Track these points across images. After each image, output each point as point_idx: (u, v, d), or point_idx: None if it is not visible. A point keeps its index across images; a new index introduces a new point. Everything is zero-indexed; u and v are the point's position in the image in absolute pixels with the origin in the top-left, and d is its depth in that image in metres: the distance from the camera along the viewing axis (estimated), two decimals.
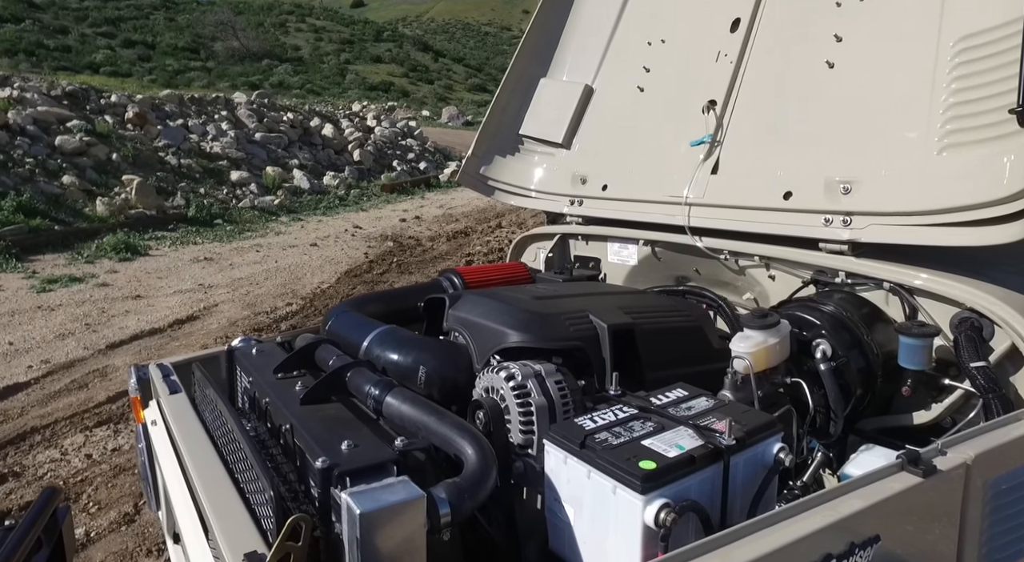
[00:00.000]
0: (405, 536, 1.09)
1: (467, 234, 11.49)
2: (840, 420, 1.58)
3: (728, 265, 2.16)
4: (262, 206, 12.76)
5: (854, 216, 1.78)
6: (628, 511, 1.13)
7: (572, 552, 1.28)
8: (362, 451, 1.20)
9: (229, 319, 6.74)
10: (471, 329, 1.74)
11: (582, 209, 2.67)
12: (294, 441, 1.34)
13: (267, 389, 1.54)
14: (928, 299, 1.68)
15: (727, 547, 1.05)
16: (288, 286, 8.01)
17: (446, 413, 1.34)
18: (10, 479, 3.86)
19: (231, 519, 1.16)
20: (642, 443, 1.23)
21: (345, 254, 9.74)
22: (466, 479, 1.20)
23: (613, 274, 2.61)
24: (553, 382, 1.53)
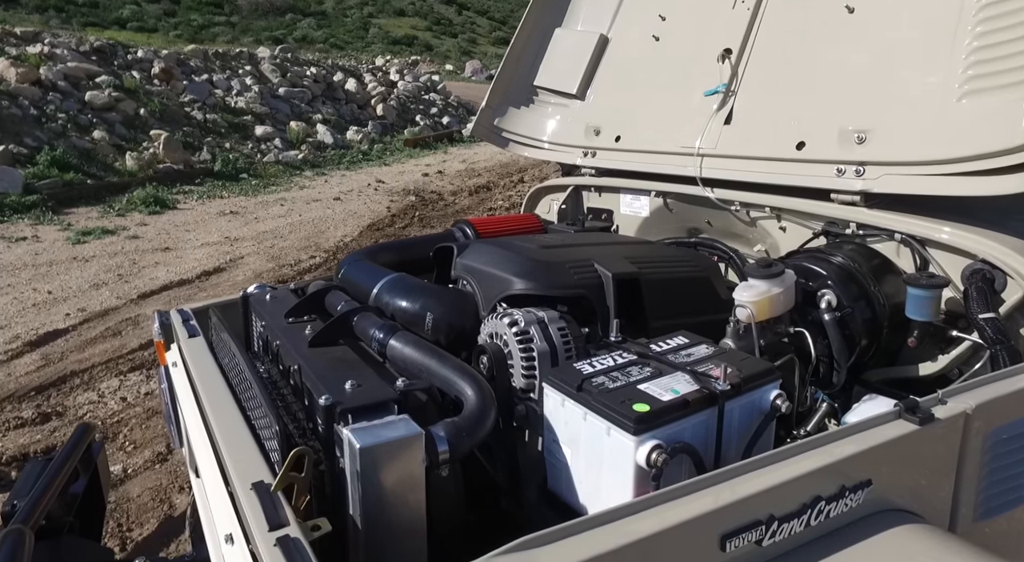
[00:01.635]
0: (404, 471, 1.14)
1: (489, 189, 11.46)
2: (843, 370, 1.58)
3: (739, 216, 2.14)
4: (286, 161, 12.82)
5: (867, 166, 1.74)
6: (621, 452, 1.16)
7: (569, 491, 1.32)
8: (364, 390, 1.24)
9: (254, 271, 6.87)
10: (477, 277, 1.76)
11: (595, 160, 2.64)
12: (302, 381, 1.39)
13: (278, 333, 1.59)
14: (941, 250, 1.65)
15: (717, 486, 1.08)
16: (312, 239, 8.12)
17: (447, 356, 1.37)
18: (53, 418, 4.07)
19: (241, 452, 1.21)
20: (638, 387, 1.25)
21: (368, 208, 9.80)
22: (464, 418, 1.23)
23: (625, 226, 2.60)
24: (556, 329, 1.55)
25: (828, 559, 1.11)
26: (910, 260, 1.70)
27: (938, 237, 1.62)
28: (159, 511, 3.37)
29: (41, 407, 4.16)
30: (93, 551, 2.06)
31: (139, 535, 3.20)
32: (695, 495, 1.05)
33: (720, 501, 1.04)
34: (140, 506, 3.39)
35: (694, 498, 1.05)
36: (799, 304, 1.62)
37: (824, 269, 1.63)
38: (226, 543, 1.10)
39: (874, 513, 1.21)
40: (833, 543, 1.14)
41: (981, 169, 1.51)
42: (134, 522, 3.28)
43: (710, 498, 1.05)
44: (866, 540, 1.16)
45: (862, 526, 1.19)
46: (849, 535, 1.16)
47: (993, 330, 1.47)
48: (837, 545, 1.14)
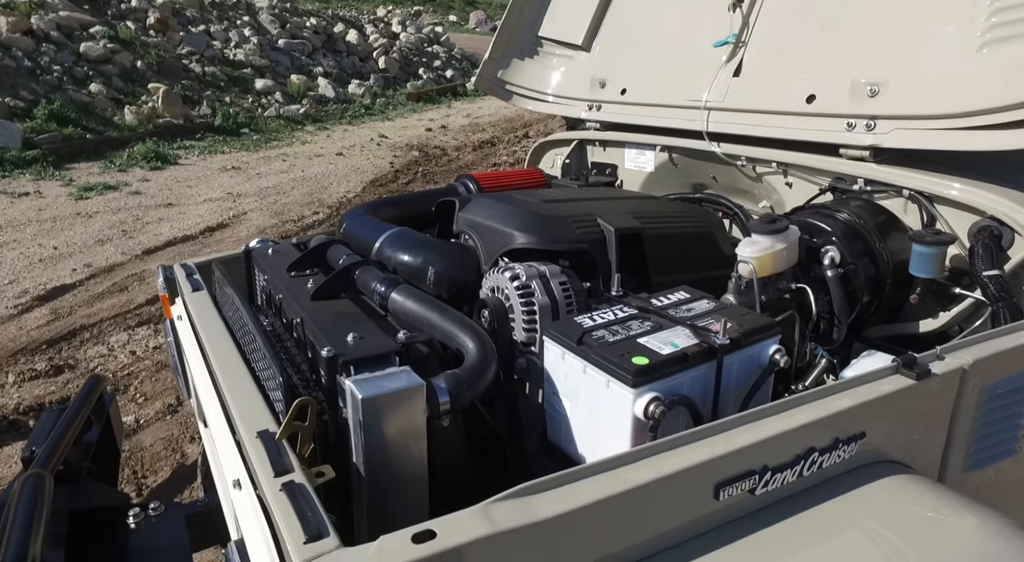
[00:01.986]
0: (405, 421, 1.16)
1: (493, 144, 11.32)
2: (843, 327, 1.58)
3: (745, 172, 2.12)
4: (287, 115, 12.65)
5: (878, 120, 1.71)
6: (619, 404, 1.18)
7: (568, 442, 1.35)
8: (366, 342, 1.26)
9: (258, 227, 6.87)
10: (479, 231, 1.76)
11: (600, 114, 2.60)
12: (304, 334, 1.40)
13: (281, 286, 1.60)
14: (949, 207, 1.64)
15: (713, 437, 1.09)
16: (314, 195, 8.08)
17: (449, 309, 1.38)
18: (66, 370, 4.14)
19: (246, 403, 1.24)
20: (638, 341, 1.26)
21: (371, 163, 9.72)
22: (465, 370, 1.25)
23: (630, 181, 2.58)
24: (557, 283, 1.55)
25: (817, 508, 1.14)
26: (917, 216, 1.68)
27: (947, 193, 1.59)
28: (172, 460, 3.46)
29: (53, 360, 4.22)
30: (110, 494, 2.13)
31: (154, 482, 3.29)
32: (691, 446, 1.07)
33: (715, 452, 1.06)
34: (153, 455, 3.47)
35: (689, 448, 1.06)
36: (802, 260, 1.61)
37: (829, 225, 1.62)
38: (234, 488, 1.13)
39: (865, 464, 1.23)
40: (824, 492, 1.17)
41: (999, 123, 1.47)
42: (148, 470, 3.38)
43: (706, 449, 1.06)
44: (856, 490, 1.18)
45: (853, 476, 1.21)
46: (840, 485, 1.19)
47: (996, 287, 1.47)
48: (827, 494, 1.17)
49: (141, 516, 1.94)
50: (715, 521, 1.08)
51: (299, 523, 0.88)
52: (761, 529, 1.08)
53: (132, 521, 1.93)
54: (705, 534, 1.07)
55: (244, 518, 1.05)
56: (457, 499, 1.28)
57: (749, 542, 1.06)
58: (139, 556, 1.88)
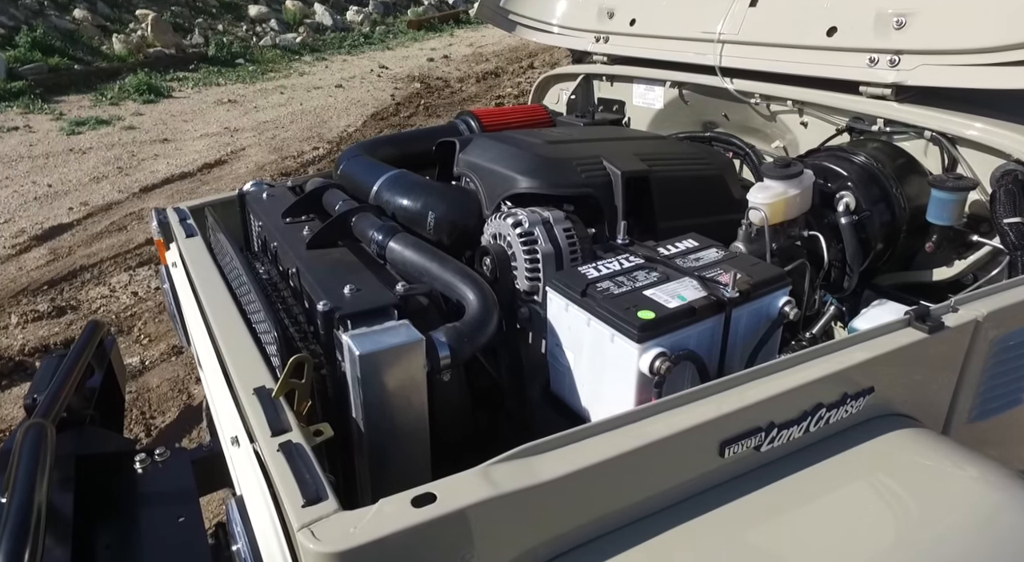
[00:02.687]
0: (405, 377, 1.13)
1: (497, 75, 10.97)
2: (855, 275, 1.54)
3: (759, 110, 2.02)
4: (284, 44, 12.22)
5: (903, 55, 1.60)
6: (624, 359, 1.15)
7: (571, 394, 1.33)
8: (364, 295, 1.22)
9: (257, 163, 6.74)
10: (480, 174, 1.69)
11: (607, 46, 2.46)
12: (300, 284, 1.36)
13: (275, 233, 1.55)
14: (971, 149, 1.56)
15: (719, 395, 1.07)
16: (314, 129, 7.89)
17: (449, 259, 1.33)
18: (68, 311, 4.15)
19: (242, 357, 1.21)
20: (644, 293, 1.22)
21: (371, 96, 9.45)
22: (466, 323, 1.22)
23: (638, 118, 2.47)
24: (561, 229, 1.50)
25: (821, 463, 1.12)
26: (937, 159, 1.60)
27: (971, 135, 1.51)
28: (179, 401, 3.51)
29: (55, 301, 4.22)
30: (115, 440, 2.15)
31: (162, 422, 3.34)
32: (696, 403, 1.05)
33: (722, 409, 1.04)
34: (160, 396, 3.52)
35: (695, 406, 1.04)
36: (816, 206, 1.55)
37: (845, 169, 1.55)
38: (232, 445, 1.12)
39: (871, 418, 1.22)
40: (829, 447, 1.15)
41: None
42: (156, 411, 3.43)
43: (712, 406, 1.04)
44: (861, 444, 1.17)
45: (859, 431, 1.19)
46: (845, 439, 1.17)
47: (1016, 235, 1.41)
48: (833, 449, 1.15)
49: (148, 461, 1.96)
50: (719, 478, 1.07)
51: (297, 486, 0.87)
52: (765, 486, 1.07)
53: (139, 466, 1.96)
54: (708, 491, 1.06)
55: (243, 476, 1.04)
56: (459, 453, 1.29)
57: (752, 499, 1.05)
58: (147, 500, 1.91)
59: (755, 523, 1.04)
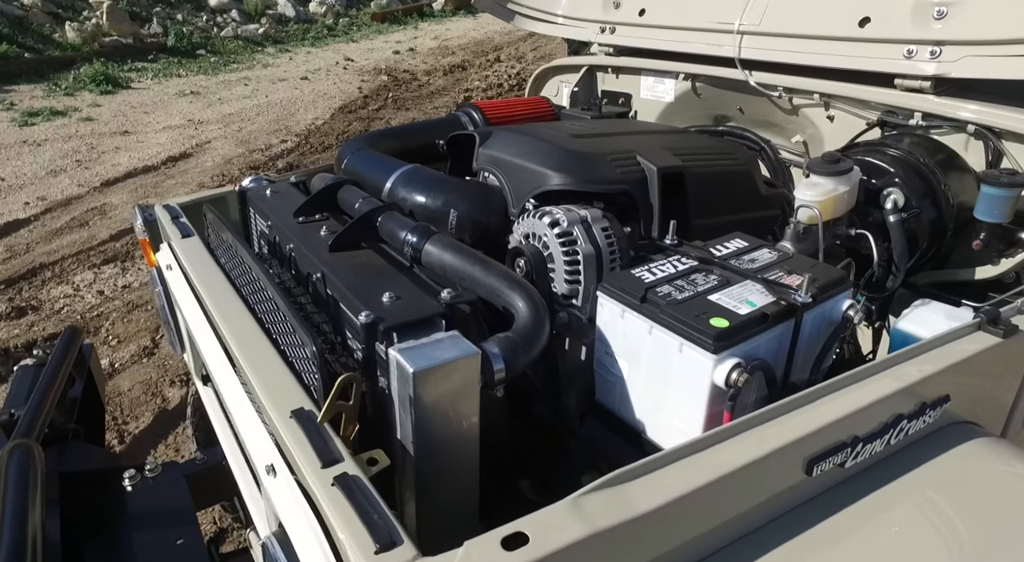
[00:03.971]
0: (459, 394, 1.03)
1: (464, 68, 10.81)
2: (901, 275, 1.48)
3: (779, 104, 1.95)
4: (246, 35, 11.83)
5: (945, 46, 1.55)
6: (696, 370, 1.07)
7: (623, 406, 1.24)
8: (407, 304, 1.10)
9: (223, 157, 6.48)
10: (506, 169, 1.58)
11: (614, 37, 2.38)
12: (326, 291, 1.24)
13: (290, 235, 1.42)
14: (1015, 144, 1.52)
15: (803, 409, 0.99)
16: (281, 122, 7.64)
17: (493, 263, 1.23)
18: (29, 312, 3.89)
19: (271, 374, 1.08)
20: (708, 298, 1.14)
21: (338, 88, 9.20)
22: (519, 334, 1.11)
23: (645, 111, 2.39)
24: (599, 229, 1.41)
25: (905, 477, 1.06)
26: (979, 154, 1.56)
27: (1019, 128, 1.47)
28: (152, 405, 3.31)
29: (14, 301, 3.95)
30: (100, 455, 1.98)
31: (136, 429, 3.14)
32: (782, 419, 0.97)
33: (809, 425, 0.96)
34: (132, 400, 3.31)
35: (781, 423, 0.96)
36: (860, 203, 1.49)
37: (891, 165, 1.49)
38: (267, 474, 0.99)
39: (944, 427, 1.16)
40: (908, 460, 1.09)
41: None
42: (129, 416, 3.22)
43: (798, 422, 0.96)
44: (940, 455, 1.11)
45: (934, 441, 1.14)
46: (923, 451, 1.11)
47: None
48: (912, 462, 1.09)
49: (138, 478, 1.81)
50: (805, 497, 0.99)
51: (365, 528, 0.76)
52: (852, 503, 1.00)
53: (128, 483, 1.80)
54: (795, 510, 0.98)
55: (285, 510, 0.92)
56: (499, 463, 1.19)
57: (843, 518, 0.98)
58: (139, 520, 1.76)
59: (850, 543, 0.97)
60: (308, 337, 1.02)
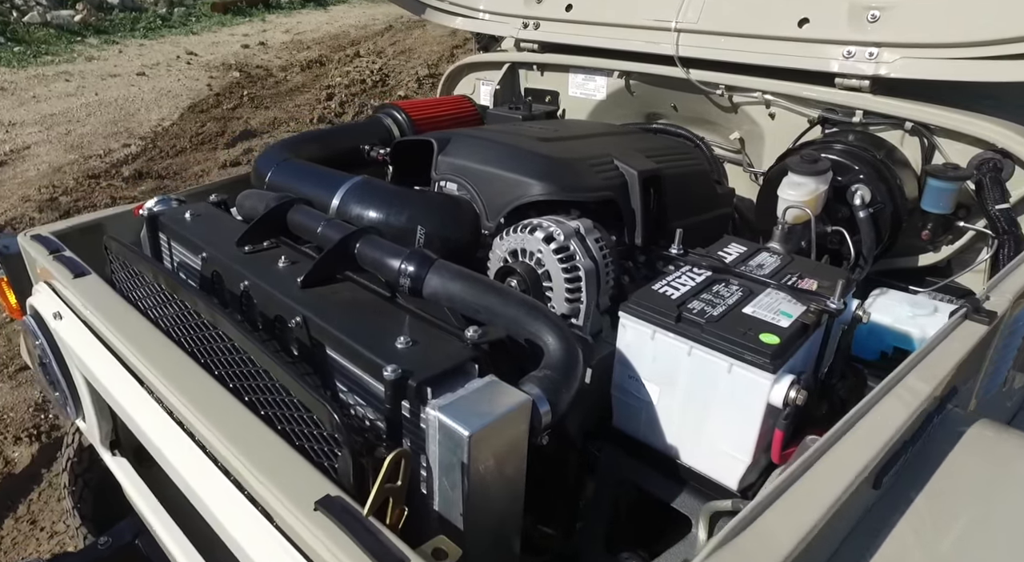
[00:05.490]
0: (511, 449, 0.89)
1: (322, 64, 10.25)
2: (868, 267, 1.53)
3: (718, 101, 1.97)
4: (58, 23, 10.35)
5: (881, 48, 1.62)
6: (749, 391, 1.00)
7: (652, 432, 1.15)
8: (428, 350, 0.94)
9: (51, 164, 5.62)
10: (476, 179, 1.43)
11: (537, 33, 2.28)
12: (310, 338, 1.03)
13: (240, 269, 1.17)
14: (944, 139, 1.62)
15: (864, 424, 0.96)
16: (120, 124, 6.77)
17: (509, 290, 1.08)
18: None
19: (262, 450, 0.87)
20: (743, 312, 1.08)
21: (184, 86, 8.32)
22: (555, 369, 0.98)
23: (573, 110, 2.32)
24: (593, 241, 1.31)
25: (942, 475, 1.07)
26: (913, 150, 1.65)
27: (954, 125, 1.57)
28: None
29: None
30: None
31: None
32: (852, 436, 0.93)
33: (880, 440, 0.93)
34: None
35: (854, 437, 0.93)
36: (828, 200, 1.52)
37: (853, 162, 1.53)
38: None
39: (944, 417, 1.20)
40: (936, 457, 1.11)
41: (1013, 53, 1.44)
42: None
43: (871, 439, 0.93)
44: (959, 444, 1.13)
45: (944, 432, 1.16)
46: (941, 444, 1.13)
47: (1007, 221, 1.49)
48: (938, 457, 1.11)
49: None
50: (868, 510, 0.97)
51: None
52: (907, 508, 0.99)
53: None
54: (864, 524, 0.95)
55: None
56: None
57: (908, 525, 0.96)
58: None
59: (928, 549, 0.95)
60: (323, 406, 0.82)
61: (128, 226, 1.71)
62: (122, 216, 1.76)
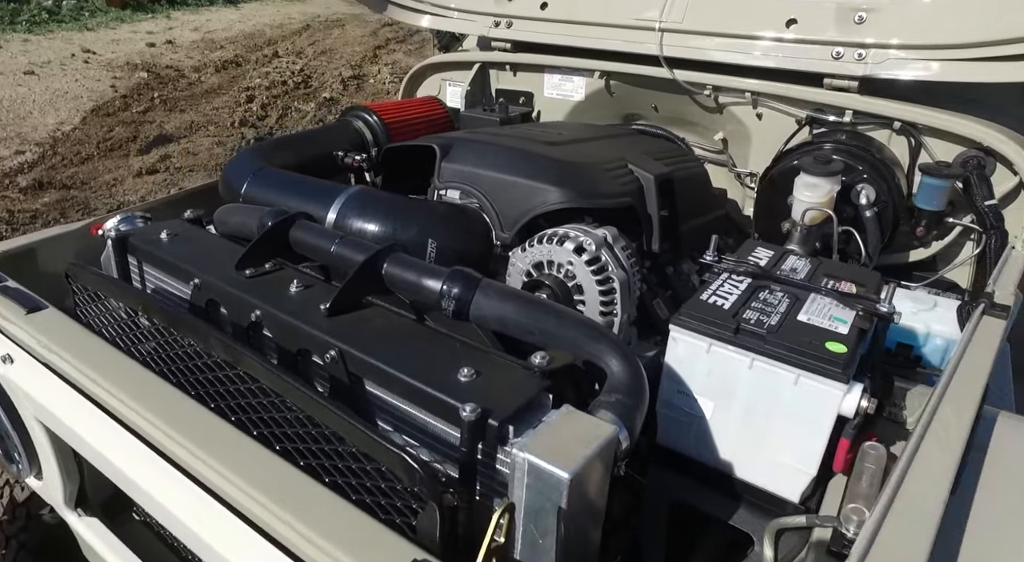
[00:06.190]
0: (597, 484, 0.80)
1: (239, 64, 9.73)
2: (872, 265, 1.55)
3: (702, 101, 1.95)
4: None
5: (869, 49, 1.65)
6: (818, 402, 0.96)
7: (704, 448, 1.10)
8: (496, 382, 0.84)
9: None
10: (488, 186, 1.34)
11: (510, 32, 2.20)
12: (348, 373, 0.91)
13: (249, 297, 1.02)
14: (931, 138, 1.66)
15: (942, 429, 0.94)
16: (10, 128, 6.16)
17: (566, 310, 1.00)
18: None
19: (322, 512, 0.75)
20: (799, 320, 1.04)
21: (83, 86, 7.68)
22: (626, 393, 0.91)
23: (549, 111, 2.26)
24: (620, 249, 1.25)
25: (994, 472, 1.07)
26: (900, 148, 1.69)
27: (938, 124, 1.60)
28: None
29: None
30: None
31: None
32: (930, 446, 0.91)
33: (955, 446, 0.92)
34: None
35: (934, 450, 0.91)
36: None
37: (856, 162, 1.54)
38: None
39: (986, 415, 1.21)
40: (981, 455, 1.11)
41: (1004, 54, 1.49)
42: None
43: (944, 445, 0.91)
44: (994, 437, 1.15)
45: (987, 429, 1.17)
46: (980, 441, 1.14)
47: (994, 217, 1.53)
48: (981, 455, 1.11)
49: None
50: None
51: None
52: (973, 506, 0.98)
53: None
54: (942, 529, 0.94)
55: None
56: None
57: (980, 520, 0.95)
58: None
59: None
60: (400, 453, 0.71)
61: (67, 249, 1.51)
62: (60, 238, 1.54)
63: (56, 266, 1.46)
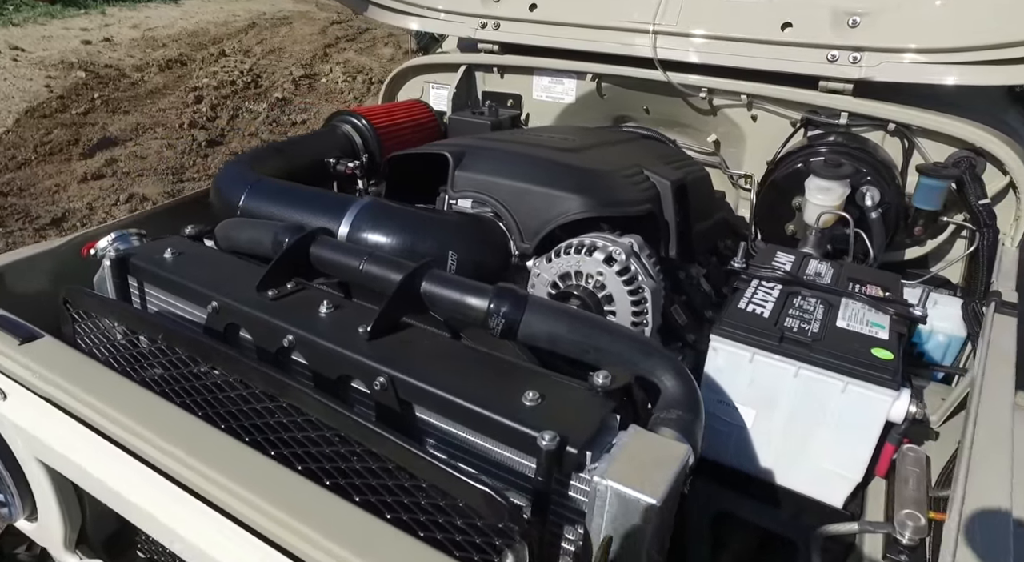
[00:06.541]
0: (671, 508, 0.78)
1: (184, 63, 9.36)
2: (876, 265, 1.57)
3: (695, 103, 1.95)
4: None
5: (863, 52, 1.67)
6: (867, 409, 0.97)
7: (744, 457, 1.09)
8: (562, 406, 0.81)
9: None
10: (506, 195, 1.30)
11: (498, 34, 2.16)
12: (398, 400, 0.86)
13: (278, 321, 0.96)
14: (924, 139, 1.70)
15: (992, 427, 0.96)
16: None
17: (617, 326, 0.97)
18: None
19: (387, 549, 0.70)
20: (839, 327, 1.04)
21: (14, 87, 7.25)
22: (685, 409, 0.89)
23: (538, 114, 2.23)
24: (646, 257, 1.23)
25: None
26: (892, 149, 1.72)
27: (931, 125, 1.65)
28: None
29: None
30: None
31: None
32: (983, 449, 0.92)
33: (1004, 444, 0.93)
34: None
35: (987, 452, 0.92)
36: None
37: (860, 164, 1.56)
38: None
39: None
40: None
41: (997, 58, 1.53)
42: None
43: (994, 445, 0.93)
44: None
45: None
46: None
47: (988, 215, 1.58)
48: None
49: None
50: None
51: None
52: None
53: None
54: None
55: None
56: None
57: None
58: None
59: None
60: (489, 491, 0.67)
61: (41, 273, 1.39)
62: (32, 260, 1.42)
63: (27, 290, 1.35)
